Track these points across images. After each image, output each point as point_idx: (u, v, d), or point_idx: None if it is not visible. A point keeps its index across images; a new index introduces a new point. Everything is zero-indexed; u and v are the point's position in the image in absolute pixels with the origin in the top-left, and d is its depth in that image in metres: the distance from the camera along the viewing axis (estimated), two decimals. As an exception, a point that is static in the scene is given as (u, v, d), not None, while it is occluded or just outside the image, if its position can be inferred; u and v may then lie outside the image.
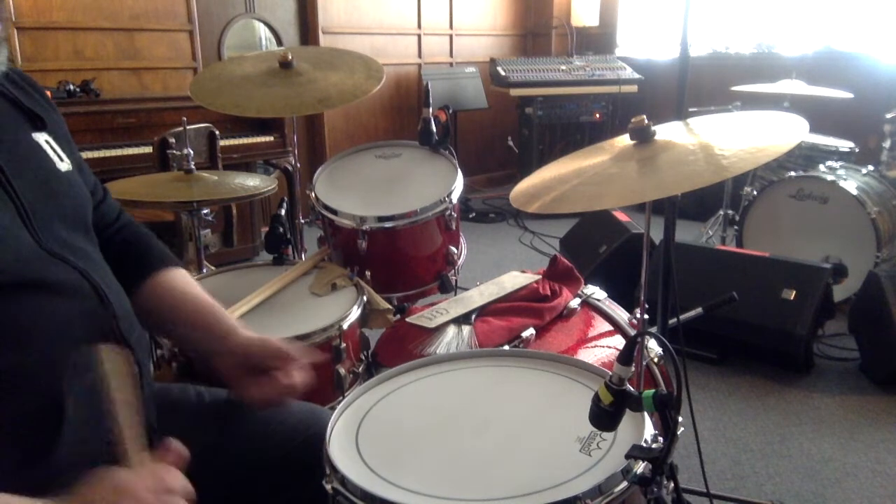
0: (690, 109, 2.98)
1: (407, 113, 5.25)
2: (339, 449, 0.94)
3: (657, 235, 1.73)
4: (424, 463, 0.91)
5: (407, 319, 1.61)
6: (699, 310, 2.10)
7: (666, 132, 1.17)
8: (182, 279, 1.12)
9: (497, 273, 1.85)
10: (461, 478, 0.87)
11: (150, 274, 1.09)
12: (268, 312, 1.55)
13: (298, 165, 2.29)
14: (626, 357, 0.86)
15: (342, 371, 1.47)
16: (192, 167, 1.89)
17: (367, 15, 4.93)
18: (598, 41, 5.77)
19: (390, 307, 1.67)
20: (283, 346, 1.06)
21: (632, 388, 0.86)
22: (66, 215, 0.94)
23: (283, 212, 1.82)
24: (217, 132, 2.91)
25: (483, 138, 5.72)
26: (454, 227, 1.90)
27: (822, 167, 3.16)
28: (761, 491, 1.90)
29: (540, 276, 1.78)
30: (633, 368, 0.87)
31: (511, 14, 5.91)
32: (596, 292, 1.76)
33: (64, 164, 0.97)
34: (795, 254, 2.92)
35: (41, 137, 0.96)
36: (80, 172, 1.03)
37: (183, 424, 1.03)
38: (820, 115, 2.79)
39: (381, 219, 1.76)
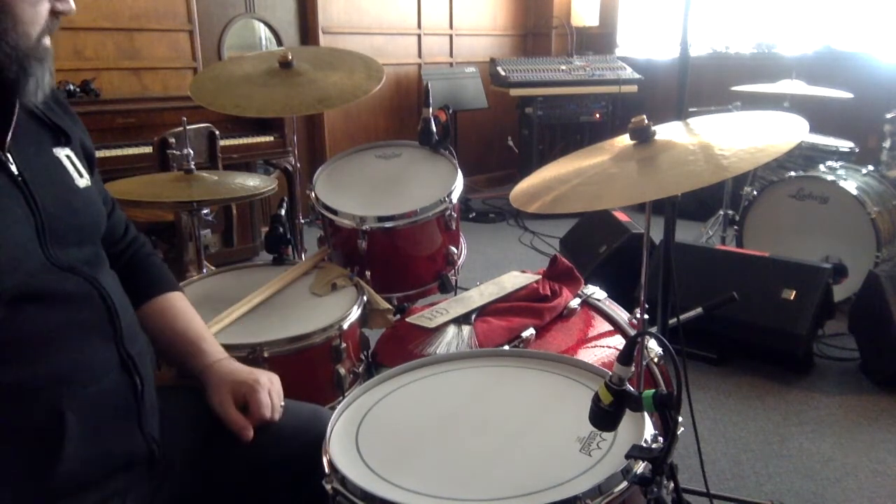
0: (690, 109, 2.98)
1: (407, 113, 5.25)
2: (339, 449, 0.94)
3: (657, 235, 1.73)
4: (424, 463, 0.91)
5: (407, 319, 1.61)
6: (699, 310, 2.10)
7: (666, 132, 1.17)
8: (172, 309, 1.14)
9: (497, 273, 1.85)
10: (461, 478, 0.87)
11: (145, 301, 1.12)
12: (268, 312, 1.55)
13: (298, 165, 2.29)
14: (626, 357, 0.86)
15: (342, 371, 1.47)
16: (192, 167, 1.88)
17: (367, 15, 4.93)
18: (598, 41, 5.77)
19: (390, 307, 1.67)
20: (255, 389, 1.06)
21: (632, 388, 0.86)
22: (81, 231, 0.95)
23: (283, 212, 1.82)
24: (217, 132, 2.91)
25: (483, 138, 5.72)
26: (454, 227, 1.90)
27: (822, 167, 3.15)
28: (761, 491, 1.90)
29: (540, 276, 1.78)
30: (633, 368, 0.87)
31: (511, 14, 5.91)
32: (596, 292, 1.76)
33: (83, 180, 0.98)
34: (795, 254, 2.92)
35: (62, 153, 0.97)
36: (95, 182, 1.04)
37: (184, 426, 1.04)
38: (820, 115, 2.79)
39: (381, 219, 1.76)
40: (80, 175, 0.98)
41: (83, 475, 0.85)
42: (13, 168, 0.87)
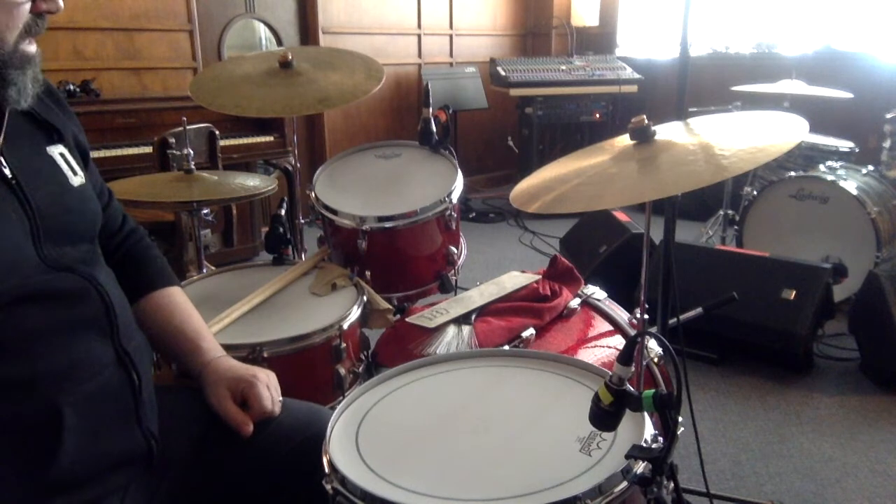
0: (690, 109, 2.98)
1: (407, 113, 5.25)
2: (339, 449, 0.94)
3: (657, 235, 1.73)
4: (424, 463, 0.91)
5: (407, 319, 1.61)
6: (699, 310, 2.10)
7: (666, 132, 1.17)
8: (169, 305, 1.14)
9: (497, 273, 1.85)
10: (461, 478, 0.87)
11: (142, 295, 1.11)
12: (268, 312, 1.55)
13: (298, 165, 2.29)
14: (626, 357, 0.86)
15: (342, 371, 1.47)
16: (192, 167, 1.89)
17: (367, 15, 4.93)
18: (598, 41, 5.77)
19: (390, 307, 1.67)
20: (253, 384, 1.06)
21: (632, 388, 0.86)
22: (76, 230, 0.94)
23: (283, 212, 1.82)
24: (217, 132, 2.91)
25: (483, 138, 5.72)
26: (454, 227, 1.90)
27: (822, 167, 3.16)
28: (761, 491, 1.90)
29: (540, 276, 1.78)
30: (633, 368, 0.87)
31: (511, 14, 5.91)
32: (596, 292, 1.76)
33: (77, 179, 0.97)
34: (795, 254, 2.92)
35: (55, 150, 0.96)
36: (90, 175, 1.03)
37: (182, 425, 1.04)
38: (820, 115, 2.79)
39: (381, 219, 1.76)
40: (75, 173, 0.97)
41: (81, 471, 0.85)
42: (6, 171, 0.87)
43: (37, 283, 0.85)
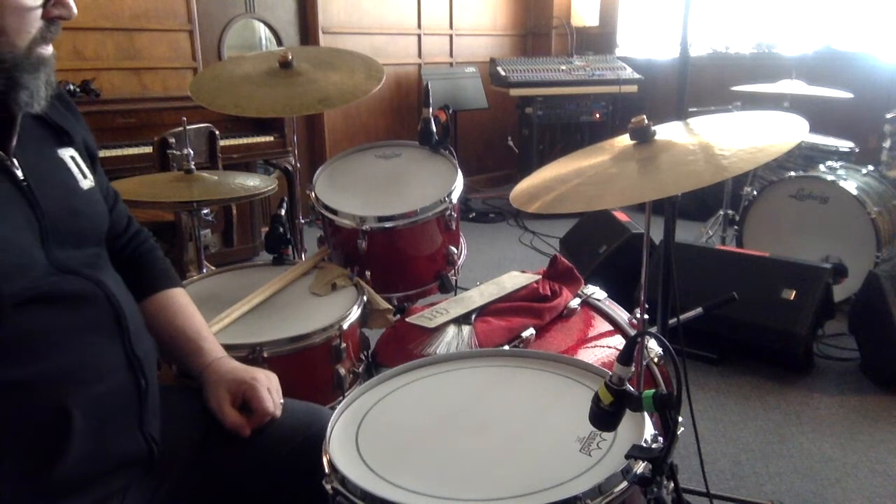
0: (690, 109, 2.98)
1: (407, 113, 5.25)
2: (339, 449, 0.94)
3: (657, 235, 1.73)
4: (424, 463, 0.91)
5: (407, 319, 1.61)
6: (699, 310, 2.10)
7: (666, 132, 1.17)
8: (172, 306, 1.14)
9: (497, 273, 1.85)
10: (461, 478, 0.88)
11: (145, 297, 1.12)
12: (268, 312, 1.55)
13: (298, 165, 2.29)
14: (626, 357, 0.86)
15: (342, 371, 1.47)
16: (192, 167, 1.89)
17: (367, 15, 4.93)
18: (598, 41, 5.77)
19: (390, 307, 1.67)
20: (254, 387, 1.06)
21: (632, 388, 0.86)
22: (82, 233, 0.94)
23: (283, 212, 1.82)
24: (217, 132, 2.91)
25: (483, 138, 5.72)
26: (454, 227, 1.90)
27: (822, 167, 3.16)
28: (761, 491, 1.90)
29: (540, 276, 1.78)
30: (633, 368, 0.87)
31: (511, 14, 5.91)
32: (596, 292, 1.76)
33: (86, 182, 0.98)
34: (795, 254, 2.92)
35: (66, 153, 0.97)
36: (97, 178, 1.03)
37: (183, 426, 1.04)
38: (820, 115, 2.79)
39: (381, 219, 1.76)
40: (84, 176, 0.98)
41: (86, 472, 0.85)
42: (19, 173, 0.87)
43: (44, 286, 0.85)
